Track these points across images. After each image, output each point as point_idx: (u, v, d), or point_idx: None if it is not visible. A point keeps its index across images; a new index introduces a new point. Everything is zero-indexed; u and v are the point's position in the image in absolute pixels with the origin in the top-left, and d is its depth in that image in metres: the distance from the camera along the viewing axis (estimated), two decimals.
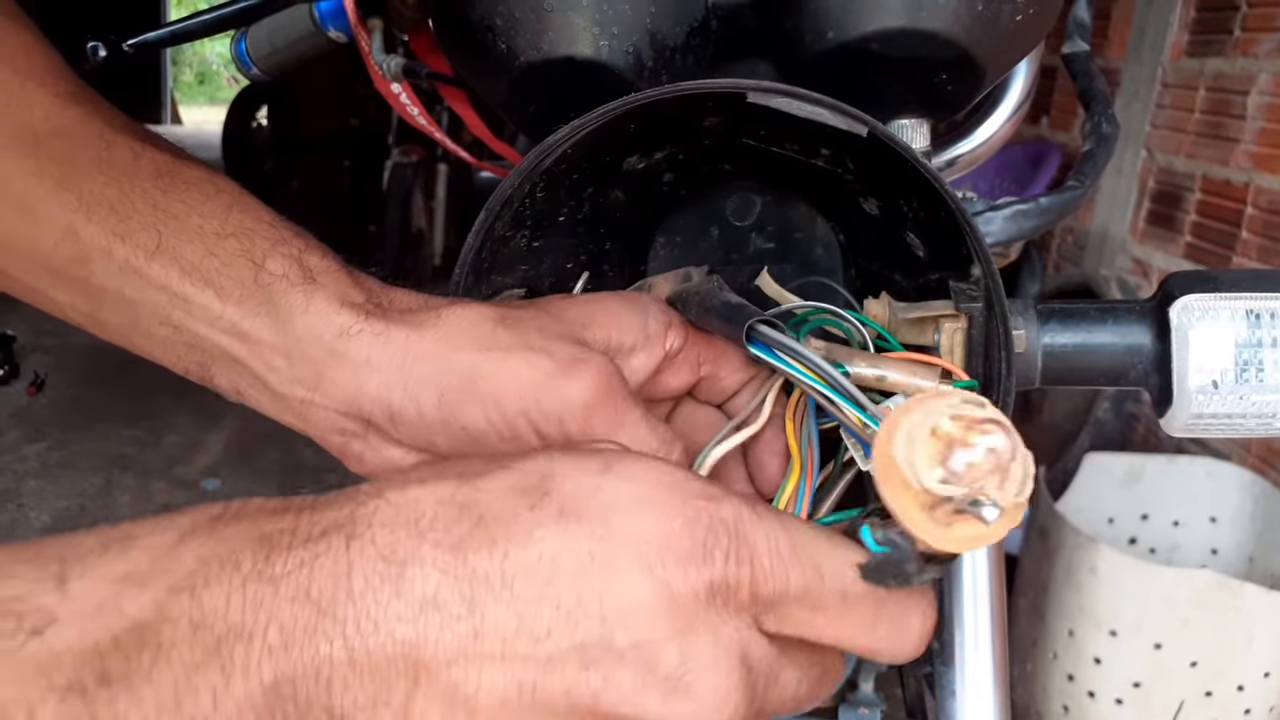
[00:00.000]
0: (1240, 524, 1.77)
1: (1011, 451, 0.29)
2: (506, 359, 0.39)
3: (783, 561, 0.31)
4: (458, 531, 0.29)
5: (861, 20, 0.47)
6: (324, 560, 0.28)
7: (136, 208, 0.41)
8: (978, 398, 0.31)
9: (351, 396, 0.41)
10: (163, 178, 0.43)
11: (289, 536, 0.28)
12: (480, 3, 0.49)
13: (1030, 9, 0.49)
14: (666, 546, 0.29)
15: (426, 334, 0.40)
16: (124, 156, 0.43)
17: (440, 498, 0.30)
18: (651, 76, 0.50)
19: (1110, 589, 1.49)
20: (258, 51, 0.70)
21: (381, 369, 0.40)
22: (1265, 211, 1.94)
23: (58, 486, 2.69)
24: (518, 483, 0.31)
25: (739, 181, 0.55)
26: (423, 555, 0.28)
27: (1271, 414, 0.43)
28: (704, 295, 0.45)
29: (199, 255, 0.41)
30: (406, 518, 0.29)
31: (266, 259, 0.41)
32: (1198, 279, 0.45)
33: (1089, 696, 1.56)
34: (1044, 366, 0.47)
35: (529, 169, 0.45)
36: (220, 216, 0.42)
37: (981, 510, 0.29)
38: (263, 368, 0.41)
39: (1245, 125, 2.02)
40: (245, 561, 0.27)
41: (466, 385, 0.39)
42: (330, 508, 0.30)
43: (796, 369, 0.40)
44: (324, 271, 0.42)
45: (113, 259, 0.41)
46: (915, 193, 0.46)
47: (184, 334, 0.42)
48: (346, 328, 0.40)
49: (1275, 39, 1.95)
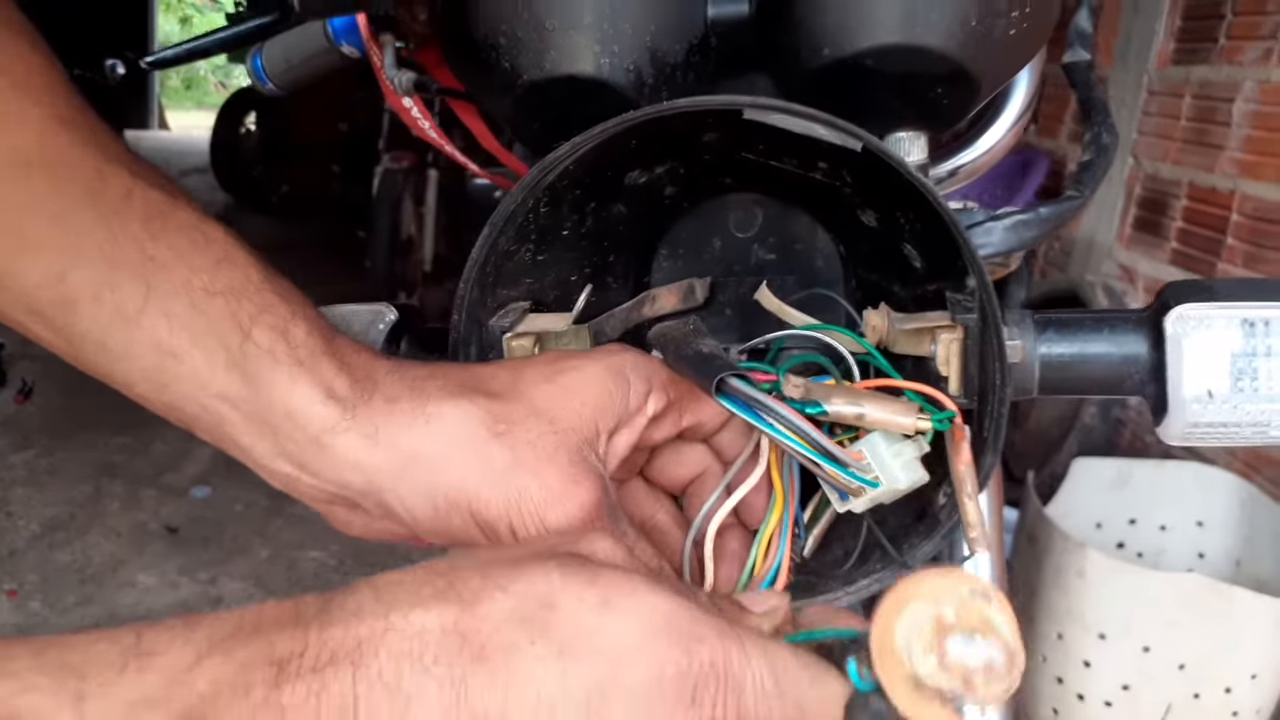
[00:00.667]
0: (1227, 528, 1.78)
1: (1009, 662, 0.31)
2: (502, 484, 0.40)
3: (767, 701, 0.32)
4: (460, 666, 0.29)
5: (856, 37, 0.48)
6: (331, 691, 0.28)
7: (125, 253, 0.40)
8: (985, 586, 0.32)
9: (340, 484, 0.41)
10: (153, 220, 0.41)
11: (297, 662, 0.29)
12: (484, 22, 0.50)
13: (1024, 23, 0.50)
14: (660, 695, 0.31)
15: (418, 439, 0.40)
16: (116, 192, 0.41)
17: (444, 625, 0.30)
18: (652, 93, 0.50)
19: (1099, 592, 1.50)
20: (273, 67, 0.70)
21: (368, 472, 0.40)
22: (1251, 218, 1.96)
23: (46, 494, 2.68)
24: (518, 610, 0.31)
25: (740, 194, 0.56)
26: (427, 693, 0.29)
27: (1266, 423, 0.44)
28: (678, 342, 0.45)
29: (186, 311, 0.40)
30: (410, 649, 0.30)
31: (253, 327, 0.40)
32: (1193, 288, 0.46)
33: (1078, 699, 1.57)
34: (1041, 376, 0.48)
35: (532, 185, 0.45)
36: (208, 271, 0.41)
37: (963, 708, 0.31)
38: (248, 440, 0.41)
39: (1231, 132, 2.04)
40: (256, 689, 0.28)
41: (461, 503, 0.40)
42: (337, 626, 0.30)
43: (765, 423, 0.41)
44: (309, 352, 0.41)
45: (101, 308, 0.40)
46: (911, 205, 0.47)
47: (169, 391, 0.41)
48: (332, 424, 0.40)
49: (1260, 47, 1.97)
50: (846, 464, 0.42)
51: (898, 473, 0.44)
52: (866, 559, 0.49)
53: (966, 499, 0.43)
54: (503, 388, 0.43)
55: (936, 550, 0.47)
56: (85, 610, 2.19)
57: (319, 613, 0.30)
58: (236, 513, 2.65)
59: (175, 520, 2.61)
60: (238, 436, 0.41)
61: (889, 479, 0.44)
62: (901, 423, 0.44)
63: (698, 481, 0.49)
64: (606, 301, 0.54)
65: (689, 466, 0.49)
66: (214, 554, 2.46)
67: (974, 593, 0.31)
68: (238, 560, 2.44)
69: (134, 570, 2.36)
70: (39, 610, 2.18)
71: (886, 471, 0.44)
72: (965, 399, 0.48)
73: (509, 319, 0.51)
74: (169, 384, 0.40)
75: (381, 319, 0.51)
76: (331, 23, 0.66)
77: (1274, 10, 1.93)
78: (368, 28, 0.63)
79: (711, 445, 0.49)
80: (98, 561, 2.38)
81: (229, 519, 2.62)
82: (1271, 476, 1.83)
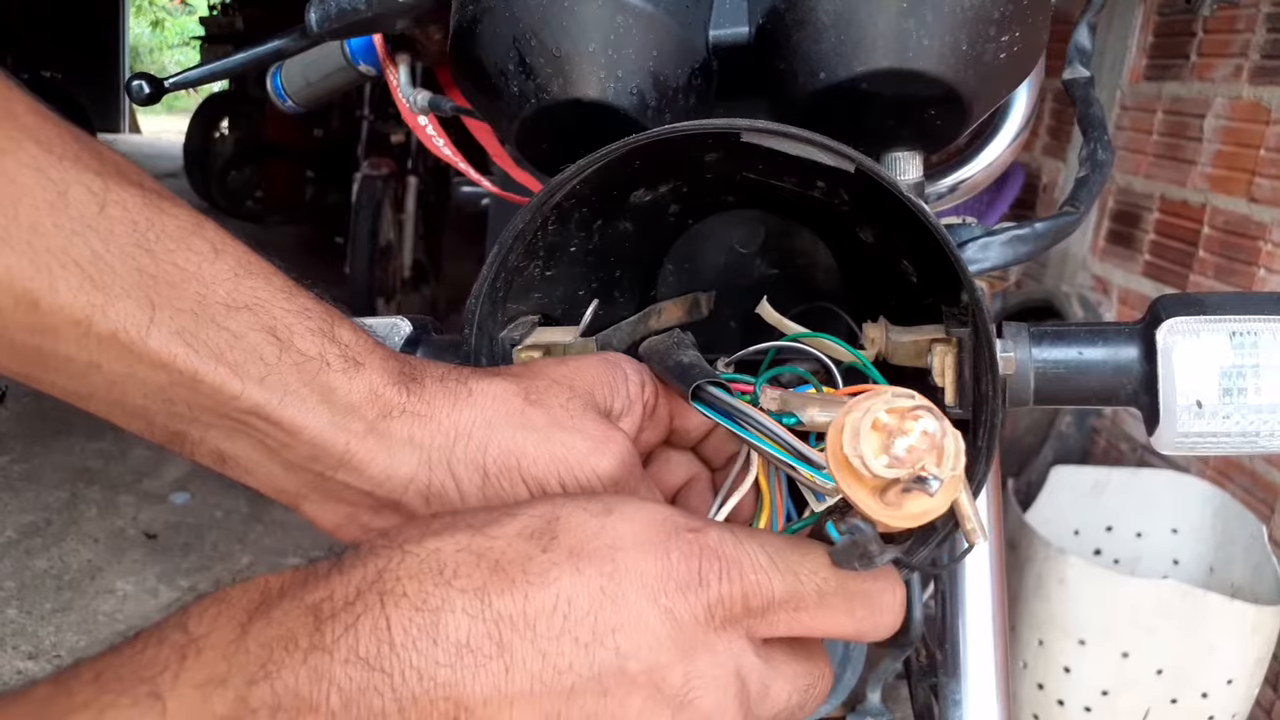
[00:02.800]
0: (1200, 535, 1.81)
1: (942, 431, 0.33)
2: (547, 441, 0.41)
3: (765, 573, 0.35)
4: (479, 577, 0.31)
5: (851, 62, 0.49)
6: (364, 620, 0.30)
7: (116, 271, 0.36)
8: (907, 391, 0.35)
9: (382, 477, 0.41)
10: (142, 232, 0.37)
11: (329, 604, 0.30)
12: (493, 49, 0.51)
13: (1014, 46, 0.51)
14: (668, 577, 0.33)
15: (464, 412, 0.41)
16: (84, 204, 0.35)
17: (459, 546, 0.32)
18: (655, 115, 0.52)
19: (1079, 599, 1.52)
20: (292, 85, 0.72)
21: (423, 447, 0.41)
22: (1221, 231, 2.00)
23: (21, 500, 2.65)
24: (526, 527, 0.33)
25: (743, 211, 0.57)
26: (453, 602, 0.30)
27: (1255, 433, 0.45)
28: (662, 353, 0.47)
29: (205, 329, 0.37)
30: (430, 568, 0.31)
31: (293, 336, 0.39)
32: (1185, 302, 0.48)
33: (1058, 705, 1.59)
34: (1037, 387, 0.49)
35: (540, 204, 0.47)
36: (227, 283, 0.38)
37: (926, 485, 0.33)
38: (276, 444, 0.40)
39: (1202, 148, 2.07)
40: (301, 637, 0.29)
41: (510, 464, 0.41)
42: (357, 567, 0.31)
43: (740, 428, 0.43)
44: (363, 350, 0.41)
45: (90, 333, 0.36)
46: (906, 222, 0.49)
47: (176, 407, 0.38)
48: (390, 408, 0.40)
49: (1230, 64, 2.01)
50: (820, 465, 0.44)
51: None
52: None
53: None
54: (523, 371, 0.45)
55: (934, 556, 0.48)
56: (63, 617, 2.17)
57: (335, 565, 0.32)
58: (217, 519, 2.63)
59: (154, 526, 2.59)
60: (266, 441, 0.40)
61: None
62: None
63: (686, 488, 0.50)
64: (613, 315, 0.55)
65: (678, 474, 0.50)
66: (194, 561, 2.45)
67: (896, 394, 0.34)
68: (218, 567, 2.43)
69: (112, 577, 2.34)
70: (16, 618, 2.16)
71: None
72: (961, 409, 0.49)
73: (518, 332, 0.52)
74: (179, 402, 0.38)
75: (397, 331, 0.52)
76: (349, 43, 0.67)
77: (1244, 28, 1.97)
78: (384, 48, 0.64)
79: (699, 453, 0.50)
80: (75, 568, 2.36)
81: (209, 525, 2.61)
82: (1244, 484, 1.86)
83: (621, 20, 0.50)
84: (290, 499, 0.42)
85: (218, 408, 0.38)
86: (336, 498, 0.42)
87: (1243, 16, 1.96)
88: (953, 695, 0.62)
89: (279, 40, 0.56)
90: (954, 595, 0.65)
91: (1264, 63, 1.92)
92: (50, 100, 0.38)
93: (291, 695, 0.28)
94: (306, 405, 0.39)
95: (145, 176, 0.39)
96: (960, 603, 0.65)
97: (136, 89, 0.56)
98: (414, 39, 0.57)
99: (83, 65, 8.96)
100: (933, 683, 0.65)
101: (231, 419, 0.39)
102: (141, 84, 0.56)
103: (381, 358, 0.41)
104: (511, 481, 0.41)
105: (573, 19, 0.50)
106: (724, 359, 0.55)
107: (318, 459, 0.40)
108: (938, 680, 0.64)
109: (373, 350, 0.41)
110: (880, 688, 0.64)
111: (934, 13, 0.48)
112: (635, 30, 0.50)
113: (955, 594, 0.65)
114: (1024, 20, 0.50)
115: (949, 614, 0.65)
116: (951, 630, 0.64)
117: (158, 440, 0.41)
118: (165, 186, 0.40)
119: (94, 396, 0.38)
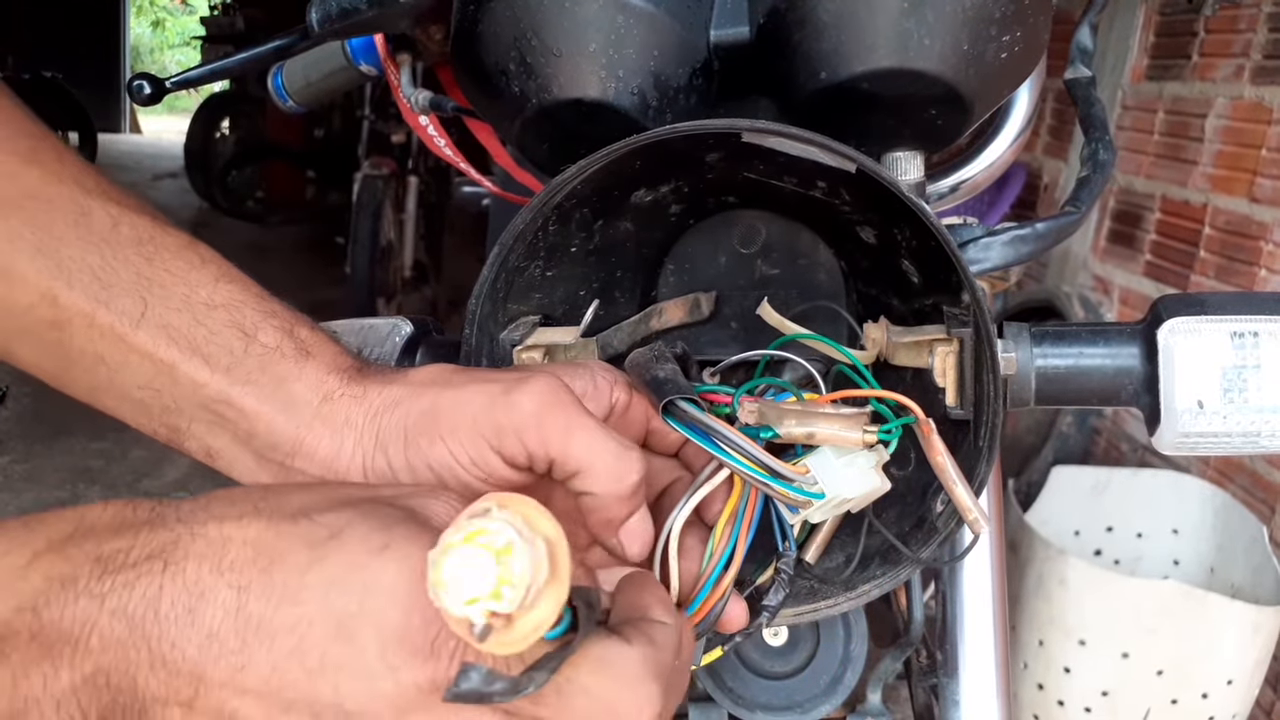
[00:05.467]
0: (1201, 535, 1.81)
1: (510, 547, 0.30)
2: (460, 392, 0.43)
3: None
4: (248, 575, 0.34)
5: (852, 61, 0.49)
6: (142, 583, 0.33)
7: (120, 275, 0.43)
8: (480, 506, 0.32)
9: (330, 459, 0.43)
10: (145, 245, 0.44)
11: (121, 557, 0.33)
12: (494, 49, 0.51)
13: (1015, 47, 0.51)
14: (404, 638, 0.33)
15: (394, 387, 0.44)
16: (102, 223, 0.44)
17: (245, 538, 0.34)
18: (656, 115, 0.52)
19: (1080, 600, 1.52)
20: (293, 84, 0.72)
21: (357, 425, 0.43)
22: (1222, 231, 2.00)
23: (21, 501, 2.65)
24: (311, 537, 0.35)
25: (744, 211, 0.57)
26: (217, 594, 0.33)
27: (1256, 432, 0.45)
28: (642, 366, 0.47)
29: (186, 324, 0.43)
30: (212, 554, 0.34)
31: (258, 332, 0.44)
32: (1186, 302, 0.48)
33: (1058, 705, 1.59)
34: (1038, 387, 0.49)
35: (541, 205, 0.47)
36: (208, 286, 0.44)
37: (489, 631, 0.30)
38: (244, 434, 0.44)
39: (1203, 148, 2.07)
40: (81, 579, 0.33)
41: (428, 424, 0.42)
42: (160, 530, 0.34)
43: (711, 444, 0.43)
44: (315, 343, 0.45)
45: (94, 325, 0.43)
46: (908, 221, 0.49)
47: (164, 398, 0.44)
48: (331, 392, 0.44)
49: (1232, 64, 2.00)
50: (791, 480, 0.44)
51: (846, 483, 0.45)
52: (867, 565, 0.50)
53: (953, 485, 0.45)
54: None
55: (935, 555, 0.48)
56: None
57: (151, 516, 0.35)
58: None
59: None
60: (234, 430, 0.44)
61: (835, 490, 0.45)
62: (848, 438, 0.45)
63: (667, 493, 0.50)
64: (614, 315, 0.55)
65: (660, 478, 0.50)
66: None
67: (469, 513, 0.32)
68: None
69: None
70: None
71: (834, 482, 0.45)
72: (962, 410, 0.49)
73: (519, 332, 0.52)
74: (164, 392, 0.43)
75: (398, 331, 0.52)
76: (350, 43, 0.68)
77: (1245, 28, 1.97)
78: (385, 48, 0.64)
79: (680, 458, 0.51)
80: None
81: None
82: (1244, 484, 1.86)
83: (622, 20, 0.50)
84: None
85: (194, 397, 0.43)
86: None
87: (1244, 16, 1.96)
88: (953, 695, 0.62)
89: (280, 40, 0.56)
90: (954, 596, 0.65)
91: (1265, 63, 1.92)
92: (51, 100, 0.46)
93: (54, 626, 0.32)
94: (264, 393, 0.43)
95: (153, 209, 0.47)
96: (960, 603, 0.65)
97: (138, 89, 0.57)
98: (415, 39, 0.58)
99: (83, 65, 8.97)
100: (933, 683, 0.65)
101: (208, 410, 0.44)
102: (143, 84, 0.57)
103: (333, 353, 0.45)
104: (429, 439, 0.42)
105: (573, 19, 0.50)
106: (710, 370, 0.55)
107: (276, 446, 0.43)
108: (938, 680, 0.64)
109: (325, 345, 0.45)
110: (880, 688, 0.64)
111: (935, 12, 0.48)
112: (636, 30, 0.50)
113: (955, 594, 0.65)
114: (1025, 20, 0.50)
115: (949, 614, 0.65)
116: (952, 631, 0.64)
117: (161, 438, 0.45)
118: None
119: (104, 390, 0.44)
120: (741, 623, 0.46)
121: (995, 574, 0.64)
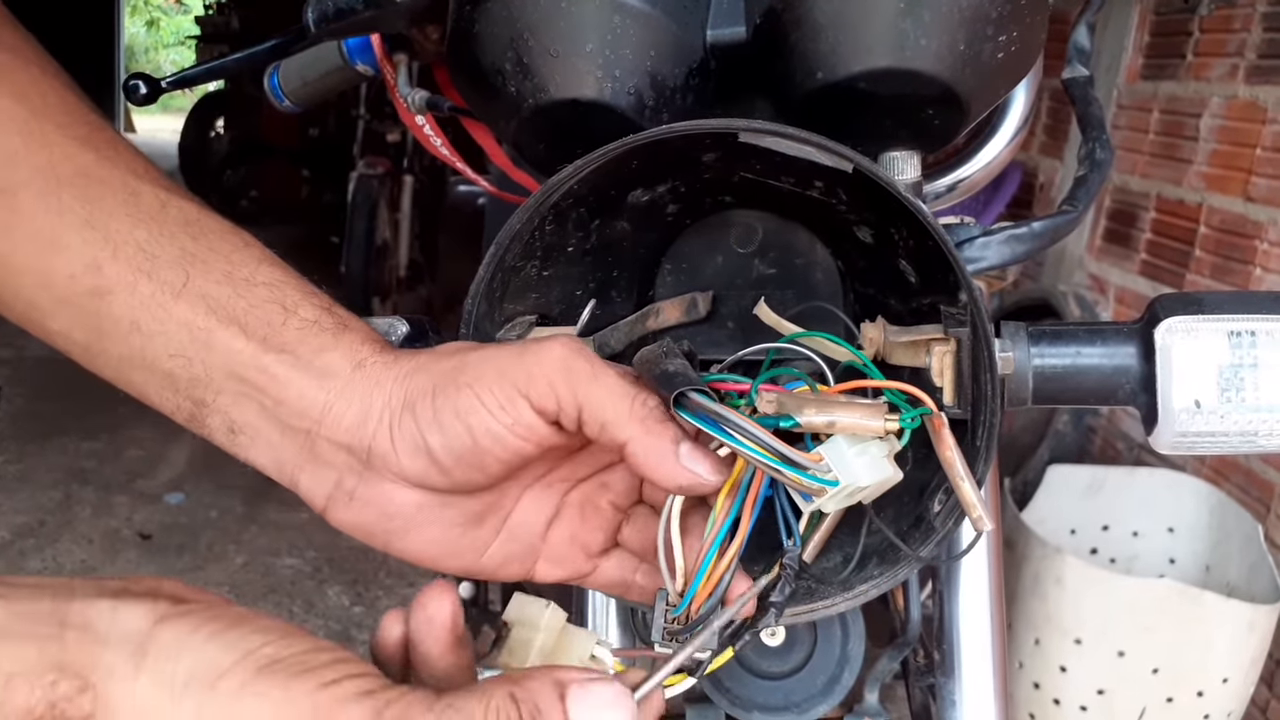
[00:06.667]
0: (1197, 534, 1.82)
1: None
2: (485, 351, 0.44)
3: None
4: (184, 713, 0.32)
5: (848, 61, 0.49)
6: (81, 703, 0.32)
7: (165, 249, 0.44)
8: None
9: (356, 425, 0.44)
10: (191, 225, 0.46)
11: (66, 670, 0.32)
12: (491, 49, 0.51)
13: (1011, 46, 0.51)
14: None
15: (421, 355, 0.45)
16: (151, 204, 0.45)
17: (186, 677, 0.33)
18: (653, 115, 0.52)
19: (1076, 598, 1.52)
20: (289, 84, 0.72)
21: (385, 387, 0.44)
22: (1217, 230, 2.00)
23: (15, 501, 2.65)
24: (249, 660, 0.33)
25: (741, 211, 0.57)
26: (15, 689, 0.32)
27: (1254, 432, 0.45)
28: (651, 362, 0.47)
29: (227, 295, 0.44)
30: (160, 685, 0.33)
31: (299, 308, 0.45)
32: (1183, 301, 0.48)
33: (1054, 704, 1.59)
34: (1035, 387, 0.49)
35: (537, 205, 0.47)
36: (251, 266, 0.46)
37: None
38: (273, 403, 0.44)
39: (1198, 147, 2.08)
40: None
41: (455, 373, 0.43)
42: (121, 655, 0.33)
43: (724, 433, 0.42)
44: (352, 320, 0.47)
45: (136, 293, 0.44)
46: (905, 221, 0.49)
47: (194, 367, 0.44)
48: (364, 360, 0.45)
49: (1226, 64, 2.01)
50: (805, 467, 0.43)
51: (860, 471, 0.44)
52: (864, 565, 0.50)
53: (960, 481, 0.45)
54: None
55: (934, 554, 0.48)
56: None
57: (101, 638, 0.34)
58: (211, 519, 2.63)
59: (149, 527, 2.59)
60: (263, 397, 0.44)
61: (850, 478, 0.44)
62: (869, 426, 0.45)
63: None
64: (611, 315, 0.55)
65: None
66: (188, 561, 2.45)
67: None
68: (213, 567, 2.43)
69: None
70: None
71: (848, 471, 0.44)
72: (959, 409, 0.49)
73: (515, 332, 0.52)
74: (196, 360, 0.44)
75: (395, 331, 0.52)
76: (347, 42, 0.68)
77: (1240, 28, 1.97)
78: (382, 47, 0.64)
79: None
80: (69, 569, 2.35)
81: (204, 525, 2.60)
82: (1240, 483, 1.86)
83: (619, 20, 0.50)
84: (289, 474, 0.46)
85: (226, 364, 0.44)
86: (325, 462, 0.45)
87: (1239, 16, 1.96)
88: (949, 695, 0.62)
89: (276, 39, 0.56)
90: (951, 595, 0.65)
91: (1260, 62, 1.92)
92: None
93: None
94: (299, 360, 0.44)
95: (190, 193, 0.48)
96: (957, 602, 0.66)
97: (134, 89, 0.57)
98: (411, 38, 0.57)
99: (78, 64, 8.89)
100: (930, 683, 0.65)
101: (239, 378, 0.44)
102: (139, 84, 0.57)
103: (368, 329, 0.47)
104: (457, 386, 0.43)
105: (570, 19, 0.50)
106: (714, 367, 0.54)
107: (305, 413, 0.44)
108: (935, 680, 0.64)
109: (361, 322, 0.47)
110: (878, 688, 0.64)
111: (931, 12, 0.48)
112: (632, 30, 0.50)
113: (952, 594, 0.65)
114: (1022, 20, 0.50)
115: (946, 614, 0.65)
116: (948, 630, 0.64)
117: (182, 416, 0.46)
118: None
119: (134, 362, 0.45)
120: (749, 606, 0.46)
121: (993, 573, 0.64)
